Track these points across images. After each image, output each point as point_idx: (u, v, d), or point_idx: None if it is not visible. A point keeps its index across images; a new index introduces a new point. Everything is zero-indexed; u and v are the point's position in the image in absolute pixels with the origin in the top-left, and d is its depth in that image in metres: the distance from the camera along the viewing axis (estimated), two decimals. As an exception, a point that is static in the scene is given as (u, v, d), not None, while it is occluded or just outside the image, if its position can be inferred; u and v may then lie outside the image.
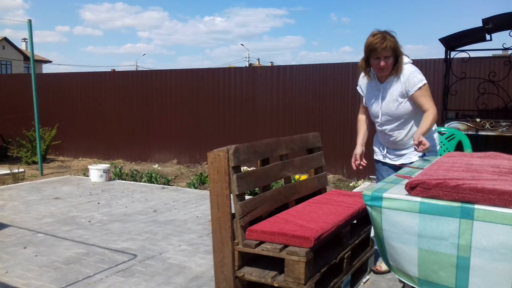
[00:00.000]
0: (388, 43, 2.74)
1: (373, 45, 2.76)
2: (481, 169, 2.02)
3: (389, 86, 2.93)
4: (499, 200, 1.53)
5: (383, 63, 2.80)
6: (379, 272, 3.20)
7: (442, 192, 1.65)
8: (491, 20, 5.00)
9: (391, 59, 2.81)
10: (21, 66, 39.23)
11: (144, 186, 6.57)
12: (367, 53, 2.83)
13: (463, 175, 1.84)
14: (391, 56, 2.80)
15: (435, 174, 1.86)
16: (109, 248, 3.74)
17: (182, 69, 8.98)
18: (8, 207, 5.18)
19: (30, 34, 7.67)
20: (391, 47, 2.76)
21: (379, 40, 2.74)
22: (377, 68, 2.86)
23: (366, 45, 2.81)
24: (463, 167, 2.08)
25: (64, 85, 9.96)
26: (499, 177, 1.83)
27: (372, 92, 3.04)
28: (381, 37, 2.74)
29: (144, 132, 9.19)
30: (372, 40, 2.77)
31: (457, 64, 6.41)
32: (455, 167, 2.08)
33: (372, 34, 2.80)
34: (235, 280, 2.51)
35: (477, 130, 5.38)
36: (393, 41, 2.77)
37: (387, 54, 2.78)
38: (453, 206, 1.58)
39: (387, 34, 2.78)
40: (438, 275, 1.64)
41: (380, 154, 3.21)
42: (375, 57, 2.81)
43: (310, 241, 2.31)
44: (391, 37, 2.77)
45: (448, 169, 2.01)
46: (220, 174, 2.47)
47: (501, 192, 1.55)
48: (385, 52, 2.76)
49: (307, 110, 7.65)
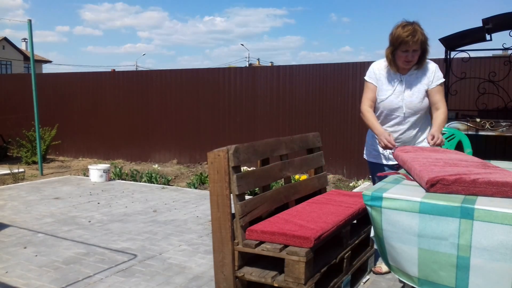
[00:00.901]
0: (419, 36, 2.66)
1: (403, 38, 2.66)
2: (460, 163, 2.03)
3: (413, 79, 2.86)
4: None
5: (411, 56, 2.74)
6: (379, 273, 3.19)
7: (461, 187, 1.68)
8: (491, 20, 5.00)
9: (418, 53, 2.75)
10: (21, 66, 39.24)
11: (144, 186, 6.57)
12: (396, 45, 2.73)
13: (463, 170, 1.84)
14: (419, 49, 2.73)
15: (443, 170, 1.86)
16: (109, 248, 3.74)
17: (182, 69, 8.99)
18: (8, 207, 5.18)
19: (30, 34, 7.67)
20: (421, 40, 2.68)
21: (410, 33, 2.64)
22: (403, 60, 2.78)
23: (395, 36, 2.71)
24: (446, 162, 2.08)
25: (64, 85, 9.96)
26: (485, 170, 1.86)
27: (391, 83, 2.92)
28: (412, 30, 2.65)
29: (144, 132, 9.19)
30: (402, 32, 2.67)
31: (457, 64, 6.42)
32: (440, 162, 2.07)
33: (402, 25, 2.70)
34: (235, 280, 2.51)
35: (477, 130, 5.38)
36: (423, 33, 2.68)
37: (416, 48, 2.71)
38: (453, 206, 1.58)
39: (417, 26, 2.68)
40: (438, 275, 1.64)
41: (383, 157, 3.07)
42: (404, 50, 2.72)
43: (310, 241, 2.31)
44: (421, 29, 2.69)
45: (444, 165, 2.00)
46: (220, 174, 2.47)
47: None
48: (415, 45, 2.69)
49: (307, 110, 7.65)
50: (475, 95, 6.32)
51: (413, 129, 2.96)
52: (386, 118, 3.00)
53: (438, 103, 2.84)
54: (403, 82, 2.88)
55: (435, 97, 2.84)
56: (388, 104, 2.93)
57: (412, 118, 2.92)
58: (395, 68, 2.87)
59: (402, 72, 2.88)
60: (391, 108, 2.94)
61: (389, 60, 2.86)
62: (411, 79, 2.87)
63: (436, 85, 2.83)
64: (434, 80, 2.84)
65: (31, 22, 7.60)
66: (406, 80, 2.88)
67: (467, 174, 1.73)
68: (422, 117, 2.96)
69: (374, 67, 2.99)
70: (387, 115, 2.98)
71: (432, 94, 2.85)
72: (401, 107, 2.90)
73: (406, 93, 2.88)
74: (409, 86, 2.88)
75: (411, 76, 2.87)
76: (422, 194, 1.71)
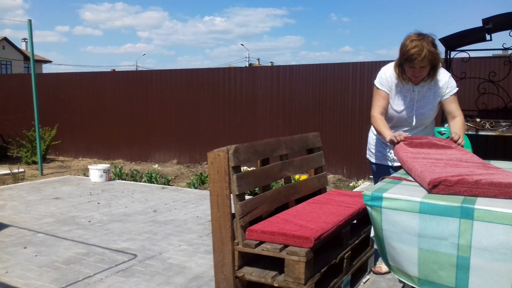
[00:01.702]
0: (426, 53, 2.50)
1: (409, 55, 2.54)
2: (460, 164, 2.03)
3: (426, 90, 2.79)
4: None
5: (418, 74, 2.65)
6: (379, 274, 3.19)
7: (464, 188, 1.68)
8: (491, 20, 5.00)
9: (427, 69, 2.62)
10: (21, 66, 39.23)
11: (144, 186, 6.57)
12: (402, 60, 2.62)
13: (465, 171, 1.84)
14: (428, 65, 2.59)
15: (444, 171, 1.85)
16: (109, 248, 3.74)
17: (182, 69, 8.99)
18: (8, 207, 5.18)
19: (30, 34, 7.67)
20: (428, 58, 2.53)
21: (417, 51, 2.50)
22: (411, 74, 2.69)
23: (402, 51, 2.59)
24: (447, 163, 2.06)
25: (64, 85, 9.96)
26: (487, 171, 1.85)
27: (404, 94, 2.82)
28: (419, 47, 2.50)
29: (144, 132, 9.19)
30: (409, 47, 2.53)
31: (457, 64, 6.41)
32: (441, 163, 2.06)
33: (410, 39, 2.55)
34: (235, 280, 2.51)
35: (477, 130, 5.38)
36: (431, 51, 2.52)
37: (423, 65, 2.57)
38: (453, 206, 1.58)
39: (426, 41, 2.52)
40: (438, 275, 1.64)
41: (385, 158, 3.04)
42: (410, 66, 2.61)
43: (310, 241, 2.31)
44: (430, 45, 2.53)
45: (444, 165, 2.00)
46: (220, 174, 2.47)
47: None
48: (421, 63, 2.55)
49: (307, 110, 7.65)
50: (475, 95, 6.33)
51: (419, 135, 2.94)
52: (396, 125, 2.94)
53: (454, 112, 2.78)
54: (415, 92, 2.79)
55: (450, 106, 2.78)
56: (401, 115, 2.87)
57: (420, 128, 2.91)
58: (404, 80, 2.75)
59: (414, 82, 2.77)
60: (402, 119, 2.89)
61: (397, 73, 2.76)
62: (423, 90, 2.79)
63: (450, 96, 2.77)
64: (448, 90, 2.77)
65: (31, 22, 7.60)
66: (418, 91, 2.79)
67: (469, 175, 1.73)
68: (429, 125, 2.96)
69: (386, 74, 2.86)
70: (397, 122, 2.92)
71: (447, 104, 2.79)
72: (411, 118, 2.85)
73: (417, 104, 2.82)
74: (421, 98, 2.81)
75: (423, 87, 2.78)
76: (422, 194, 1.71)
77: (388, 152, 3.01)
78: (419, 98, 2.81)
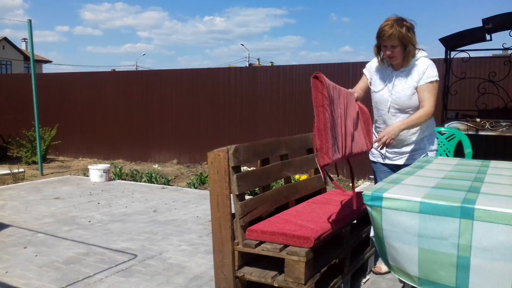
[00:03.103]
0: (394, 31, 2.63)
1: (379, 31, 2.69)
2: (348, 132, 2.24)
3: (404, 75, 2.85)
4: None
5: (389, 52, 2.74)
6: (379, 274, 3.19)
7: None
8: (491, 20, 5.00)
9: (397, 48, 2.71)
10: (21, 66, 39.23)
11: (144, 186, 6.57)
12: (377, 39, 2.76)
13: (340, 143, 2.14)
14: (398, 45, 2.69)
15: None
16: (109, 248, 3.74)
17: (182, 69, 8.99)
18: (8, 207, 5.18)
19: (30, 34, 7.67)
20: (397, 36, 2.65)
21: (386, 28, 2.65)
22: (386, 55, 2.80)
23: (378, 30, 2.73)
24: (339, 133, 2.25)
25: (64, 85, 9.96)
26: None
27: (383, 77, 2.94)
28: (389, 25, 2.65)
29: (144, 132, 9.19)
30: (382, 25, 2.69)
31: (457, 64, 6.41)
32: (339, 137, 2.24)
33: (387, 19, 2.70)
34: (235, 280, 2.51)
35: (477, 130, 5.38)
36: (400, 30, 2.64)
37: (394, 43, 2.68)
38: (453, 206, 1.58)
39: (397, 22, 2.66)
40: (438, 275, 1.64)
41: (379, 155, 3.10)
42: (383, 45, 2.74)
43: (310, 241, 2.31)
44: (400, 26, 2.65)
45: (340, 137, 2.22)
46: (220, 174, 2.47)
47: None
48: (390, 40, 2.67)
49: (307, 110, 7.65)
50: (475, 95, 6.32)
51: None
52: (377, 112, 3.03)
53: (423, 101, 2.79)
54: (394, 77, 2.89)
55: (421, 95, 2.80)
56: (378, 97, 2.97)
57: (403, 115, 2.89)
58: (382, 60, 2.90)
59: (395, 68, 2.88)
60: (379, 101, 2.97)
61: (375, 53, 2.89)
62: (402, 75, 2.86)
63: (424, 83, 2.78)
64: (424, 77, 2.79)
65: (31, 22, 7.59)
66: (396, 75, 2.88)
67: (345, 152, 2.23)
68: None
69: (371, 62, 3.06)
70: (377, 109, 3.02)
71: (419, 91, 2.81)
72: (388, 101, 2.91)
73: (395, 88, 2.88)
74: (399, 83, 2.88)
75: (403, 72, 2.86)
76: (422, 194, 1.71)
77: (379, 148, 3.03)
78: (396, 83, 2.88)
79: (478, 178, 2.06)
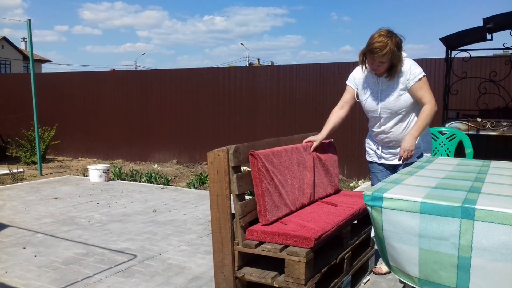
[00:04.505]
0: (387, 51, 2.66)
1: (372, 48, 2.69)
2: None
3: (389, 79, 2.86)
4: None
5: (375, 66, 2.79)
6: (379, 274, 3.19)
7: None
8: (492, 19, 5.00)
9: (385, 65, 2.77)
10: (20, 66, 39.23)
11: (144, 186, 6.56)
12: (366, 50, 2.76)
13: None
14: (386, 62, 2.74)
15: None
16: (108, 248, 3.73)
17: (182, 69, 8.98)
18: (7, 207, 5.17)
19: (29, 33, 7.66)
20: (389, 56, 2.69)
21: (380, 46, 2.65)
22: (369, 66, 2.84)
23: (368, 42, 2.73)
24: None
25: (64, 84, 9.95)
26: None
27: (369, 85, 2.97)
28: (384, 44, 2.65)
29: (144, 132, 9.18)
30: (375, 41, 2.68)
31: (458, 64, 6.40)
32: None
33: (380, 33, 2.70)
34: (235, 280, 2.50)
35: (478, 130, 5.37)
36: (393, 50, 2.67)
37: (383, 60, 2.72)
38: (454, 206, 1.57)
39: (392, 40, 2.67)
40: (439, 275, 1.64)
41: (375, 155, 3.14)
42: (371, 58, 2.76)
43: (310, 241, 2.30)
44: (394, 45, 2.67)
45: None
46: (220, 174, 2.46)
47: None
48: (381, 58, 2.70)
49: (307, 110, 7.64)
50: (476, 94, 6.32)
51: (399, 127, 2.95)
52: (371, 119, 3.08)
53: (422, 99, 2.83)
54: (379, 84, 2.92)
55: (417, 93, 2.83)
56: (368, 105, 3.01)
57: (396, 117, 2.92)
58: (366, 68, 2.91)
59: (379, 74, 2.90)
60: (370, 109, 3.01)
61: (360, 61, 2.89)
62: (387, 80, 2.88)
63: (414, 83, 2.81)
64: (411, 78, 2.81)
65: (30, 21, 7.58)
66: (382, 81, 2.90)
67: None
68: (407, 115, 2.94)
69: (354, 72, 3.07)
70: (370, 116, 3.07)
71: (413, 92, 2.84)
72: (378, 107, 2.94)
73: (382, 94, 2.91)
74: (385, 88, 2.90)
75: (387, 77, 2.87)
76: (422, 194, 1.70)
77: (377, 148, 3.12)
78: (383, 89, 2.91)
79: (479, 178, 2.05)
